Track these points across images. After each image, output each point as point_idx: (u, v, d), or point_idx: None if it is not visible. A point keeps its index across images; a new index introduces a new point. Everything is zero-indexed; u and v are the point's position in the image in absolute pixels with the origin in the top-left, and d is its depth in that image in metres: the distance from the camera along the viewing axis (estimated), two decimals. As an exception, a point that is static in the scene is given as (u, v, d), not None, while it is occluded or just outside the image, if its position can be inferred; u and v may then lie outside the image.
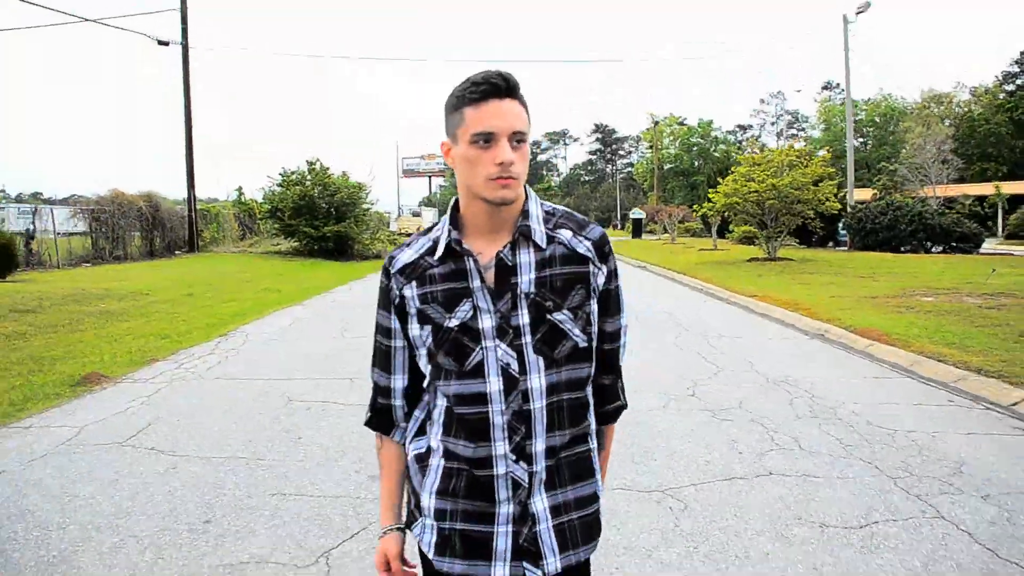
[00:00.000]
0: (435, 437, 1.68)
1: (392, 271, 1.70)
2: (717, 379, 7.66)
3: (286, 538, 3.91)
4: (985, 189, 51.10)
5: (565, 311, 1.61)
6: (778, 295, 14.87)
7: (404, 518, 1.80)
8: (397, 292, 1.68)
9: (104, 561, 3.64)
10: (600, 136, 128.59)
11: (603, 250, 1.69)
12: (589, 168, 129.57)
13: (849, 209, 31.53)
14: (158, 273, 21.33)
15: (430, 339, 1.64)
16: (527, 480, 1.60)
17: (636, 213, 58.19)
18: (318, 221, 30.40)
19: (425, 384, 1.74)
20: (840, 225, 33.11)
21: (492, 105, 1.53)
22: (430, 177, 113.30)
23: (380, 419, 1.80)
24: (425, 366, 1.69)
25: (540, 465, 1.61)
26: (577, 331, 1.63)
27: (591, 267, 1.66)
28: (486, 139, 1.53)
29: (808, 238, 34.82)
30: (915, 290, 15.09)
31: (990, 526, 4.04)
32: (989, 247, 31.76)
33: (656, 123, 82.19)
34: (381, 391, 1.79)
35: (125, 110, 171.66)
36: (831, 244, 35.73)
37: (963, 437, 5.70)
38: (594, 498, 1.71)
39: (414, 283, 1.66)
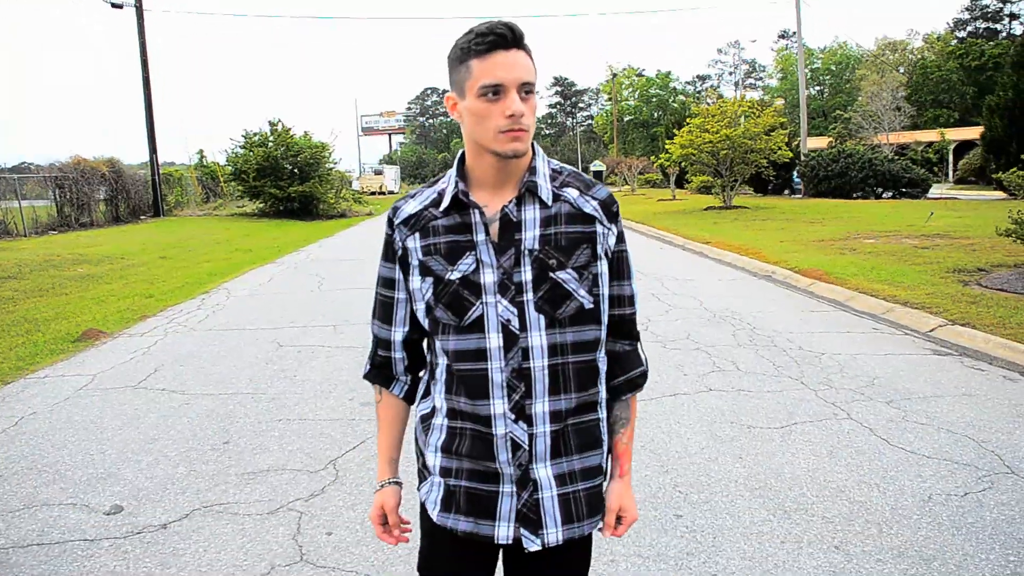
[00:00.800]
0: (439, 395, 1.67)
1: (396, 222, 1.68)
2: (668, 316, 8.44)
3: (296, 451, 4.60)
4: (936, 136, 52.37)
5: (569, 270, 1.59)
6: (731, 241, 15.71)
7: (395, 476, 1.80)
8: (400, 243, 1.66)
9: (145, 474, 4.30)
10: (560, 89, 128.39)
11: (611, 210, 1.66)
12: (550, 121, 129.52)
13: (803, 157, 32.47)
14: (128, 238, 21.61)
15: (430, 292, 1.62)
16: (527, 442, 1.58)
17: (596, 166, 58.93)
18: (283, 182, 30.65)
19: (427, 343, 1.75)
20: (795, 173, 34.07)
21: (499, 56, 1.49)
22: (390, 135, 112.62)
23: (379, 371, 1.79)
24: (423, 319, 1.67)
25: (542, 428, 1.59)
26: (583, 291, 1.60)
27: (598, 227, 1.63)
28: (495, 91, 1.49)
29: (764, 186, 35.81)
30: (859, 233, 16.01)
31: (888, 423, 4.84)
32: (937, 192, 32.91)
33: (614, 75, 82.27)
34: (381, 343, 1.76)
35: (80, 76, 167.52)
36: (787, 192, 36.70)
37: (880, 357, 6.52)
38: (599, 470, 1.68)
39: (417, 234, 1.64)
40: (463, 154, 1.64)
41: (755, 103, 25.05)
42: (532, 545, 1.60)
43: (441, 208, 1.62)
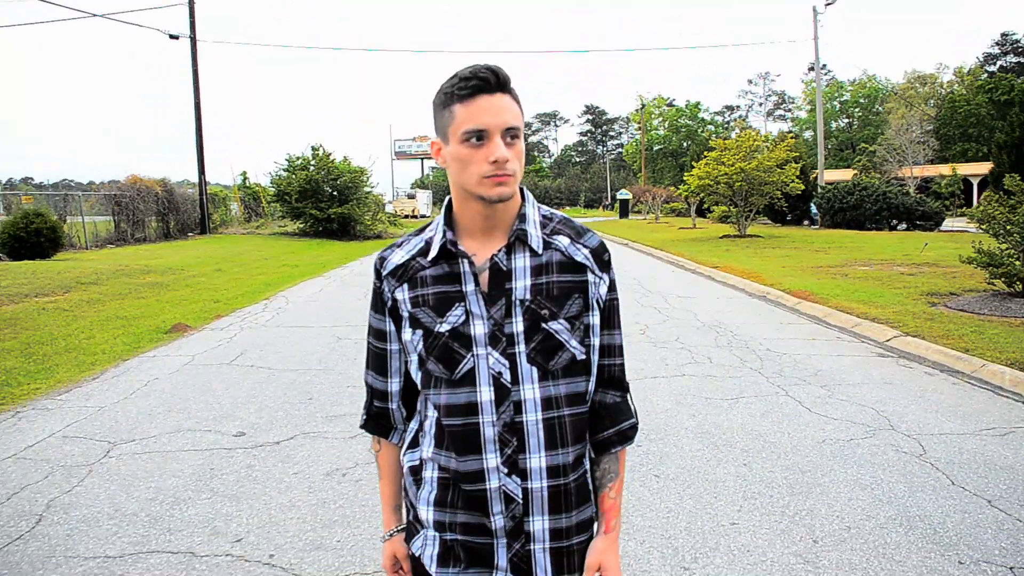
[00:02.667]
0: (427, 448, 1.63)
1: (384, 272, 1.65)
2: (664, 324, 9.91)
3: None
4: (961, 169, 53.24)
5: (561, 320, 1.56)
6: (737, 266, 17.12)
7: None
8: (389, 295, 1.63)
9: (255, 415, 5.86)
10: (591, 117, 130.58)
11: (602, 259, 1.63)
12: (580, 149, 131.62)
13: (819, 189, 33.78)
14: (181, 252, 23.43)
15: (421, 344, 1.58)
16: (520, 495, 1.54)
17: (623, 194, 60.42)
18: (323, 204, 32.51)
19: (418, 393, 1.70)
20: (812, 205, 35.36)
21: (483, 101, 1.47)
22: (422, 159, 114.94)
23: (376, 422, 1.76)
24: (416, 372, 1.63)
25: (539, 483, 1.55)
26: (575, 343, 1.57)
27: (590, 276, 1.60)
28: (478, 137, 1.46)
29: (782, 217, 37.13)
30: (856, 261, 17.37)
31: (815, 399, 6.28)
32: (950, 225, 34.00)
33: (643, 105, 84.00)
34: (377, 394, 1.73)
35: (138, 101, 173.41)
36: (806, 223, 37.97)
37: (832, 358, 7.95)
38: (591, 522, 1.66)
39: (406, 285, 1.61)
40: (450, 201, 1.61)
41: (768, 137, 26.44)
42: None
43: (429, 258, 1.58)
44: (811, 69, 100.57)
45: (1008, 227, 10.69)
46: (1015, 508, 4.04)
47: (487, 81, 1.47)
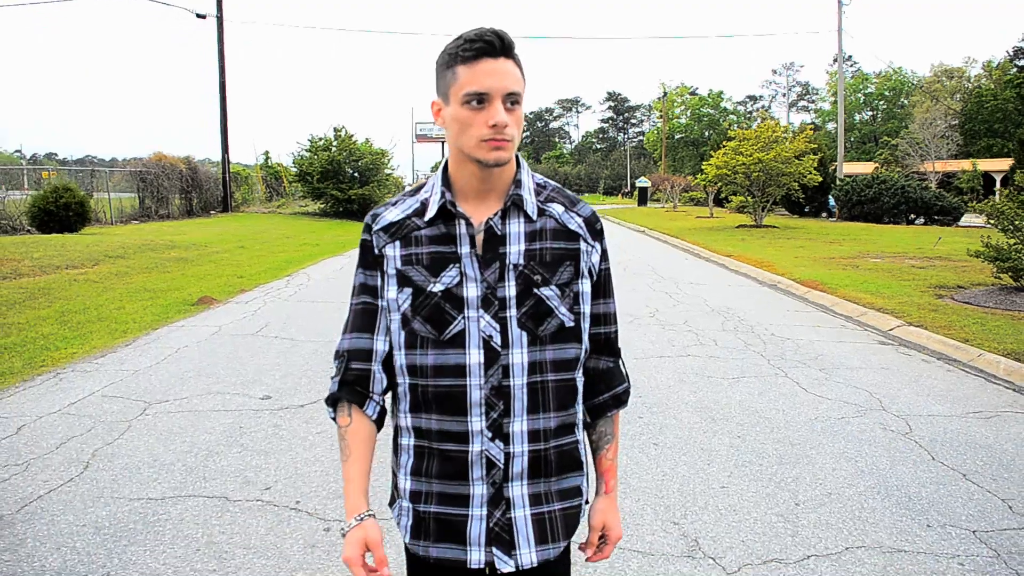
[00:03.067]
0: (403, 415, 1.62)
1: (375, 228, 1.62)
2: (675, 309, 10.20)
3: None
4: (983, 164, 52.85)
5: (553, 287, 1.57)
6: (751, 255, 17.35)
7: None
8: (378, 249, 1.61)
9: (280, 381, 6.22)
10: (613, 104, 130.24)
11: (595, 227, 1.64)
12: (601, 136, 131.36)
13: (838, 182, 33.81)
14: (205, 229, 23.88)
15: (408, 303, 1.56)
16: (502, 460, 1.54)
17: (642, 182, 60.45)
18: (344, 184, 32.92)
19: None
20: (830, 197, 35.39)
21: (486, 64, 1.46)
22: (442, 142, 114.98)
23: (352, 388, 1.63)
24: (398, 332, 1.59)
25: (520, 447, 1.55)
26: (564, 309, 1.57)
27: (582, 244, 1.61)
28: (479, 99, 1.46)
29: (800, 208, 37.15)
30: (869, 253, 17.54)
31: (813, 381, 6.56)
32: (969, 220, 33.96)
33: (664, 94, 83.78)
34: (358, 355, 1.63)
35: (164, 78, 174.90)
36: (824, 215, 38.00)
37: (834, 344, 8.21)
38: (578, 491, 1.64)
39: (398, 243, 1.59)
40: (447, 162, 1.62)
41: (788, 129, 26.53)
42: (505, 566, 1.56)
43: (426, 218, 1.58)
44: (836, 60, 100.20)
45: (1016, 222, 10.88)
46: (987, 481, 4.33)
47: (492, 44, 1.46)
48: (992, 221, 11.65)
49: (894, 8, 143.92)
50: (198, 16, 32.60)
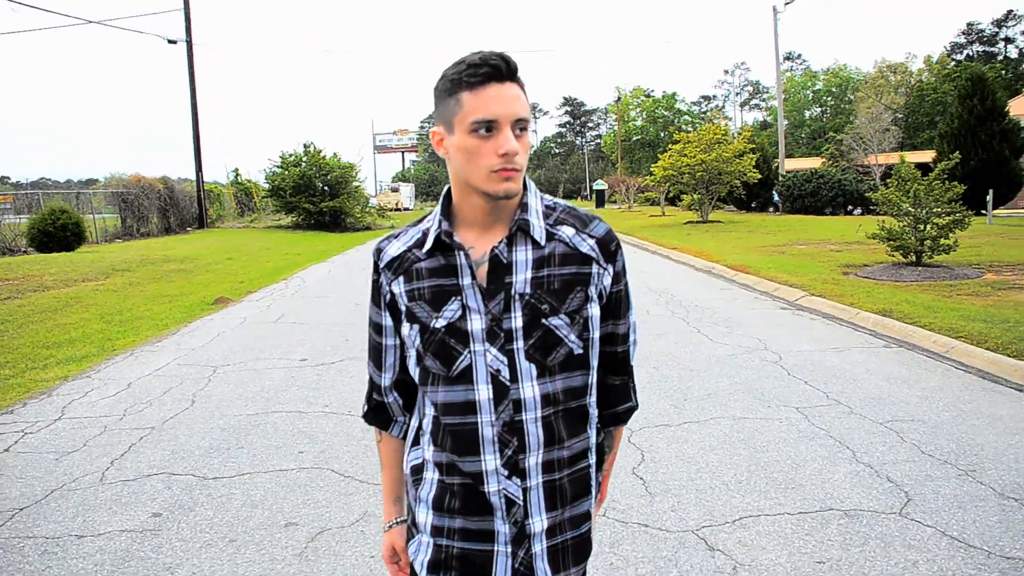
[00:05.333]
0: (427, 448, 1.59)
1: (381, 265, 1.60)
2: (619, 291, 12.15)
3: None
4: (922, 157, 55.64)
5: (562, 315, 1.49)
6: (692, 247, 19.43)
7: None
8: (387, 288, 1.58)
9: (310, 350, 8.05)
10: (569, 109, 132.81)
11: (609, 248, 1.56)
12: (559, 141, 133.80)
13: (780, 178, 36.22)
14: (189, 244, 25.46)
15: (417, 340, 1.53)
16: (521, 497, 1.50)
17: (599, 184, 62.84)
18: (315, 198, 34.63)
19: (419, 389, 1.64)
20: (774, 192, 37.81)
21: (493, 89, 1.40)
22: (403, 153, 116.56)
23: (376, 414, 1.73)
24: (414, 368, 1.59)
25: (536, 480, 1.50)
26: (573, 337, 1.51)
27: (594, 267, 1.53)
28: (487, 127, 1.40)
29: (747, 204, 39.54)
30: (798, 241, 19.72)
31: (718, 334, 8.53)
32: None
33: (618, 98, 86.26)
34: (375, 387, 1.71)
35: (138, 102, 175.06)
36: (771, 209, 40.42)
37: (745, 311, 10.22)
38: (587, 516, 1.60)
39: (402, 278, 1.55)
40: (449, 191, 1.55)
41: (727, 131, 28.80)
42: None
43: (424, 249, 1.53)
44: (786, 58, 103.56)
45: (902, 207, 13.01)
46: (819, 384, 6.32)
47: (498, 69, 1.41)
48: (883, 208, 13.79)
49: (836, 5, 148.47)
50: (169, 42, 34.11)
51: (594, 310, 1.54)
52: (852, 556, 3.43)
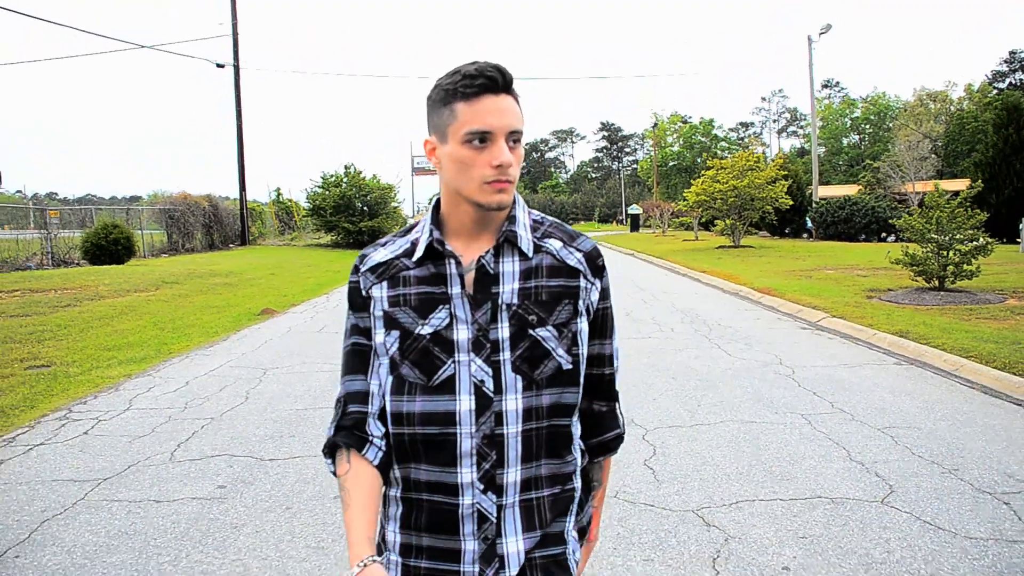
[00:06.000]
0: (394, 465, 1.52)
1: (362, 268, 1.55)
2: (645, 308, 12.64)
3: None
4: (960, 185, 55.34)
5: (549, 327, 1.47)
6: (722, 270, 19.81)
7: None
8: (365, 290, 1.53)
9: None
10: (606, 134, 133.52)
11: (596, 263, 1.55)
12: (596, 165, 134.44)
13: (814, 204, 36.42)
14: (233, 260, 26.34)
15: (395, 346, 1.48)
16: (495, 513, 1.45)
17: (634, 209, 63.26)
18: (355, 217, 35.55)
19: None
20: (807, 219, 37.99)
21: (488, 101, 1.40)
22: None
23: (351, 433, 1.51)
24: (386, 377, 1.51)
25: (512, 498, 1.46)
26: (561, 351, 1.48)
27: (582, 281, 1.52)
28: (482, 138, 1.39)
29: (780, 230, 39.73)
30: (826, 266, 20.01)
31: (737, 349, 8.97)
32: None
33: (655, 124, 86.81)
34: (355, 397, 1.54)
35: (183, 121, 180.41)
36: (805, 235, 40.58)
37: (765, 330, 10.63)
38: (560, 538, 1.53)
39: (385, 283, 1.51)
40: (438, 201, 1.54)
41: (762, 158, 29.20)
42: None
43: (414, 258, 1.50)
44: (825, 86, 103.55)
45: (924, 234, 13.34)
46: (827, 395, 6.74)
47: (494, 80, 1.40)
48: (906, 235, 14.12)
49: (876, 34, 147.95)
50: (217, 65, 35.35)
51: (583, 325, 1.52)
52: (832, 534, 3.88)
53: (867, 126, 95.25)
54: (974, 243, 13.17)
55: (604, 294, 1.58)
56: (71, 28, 64.29)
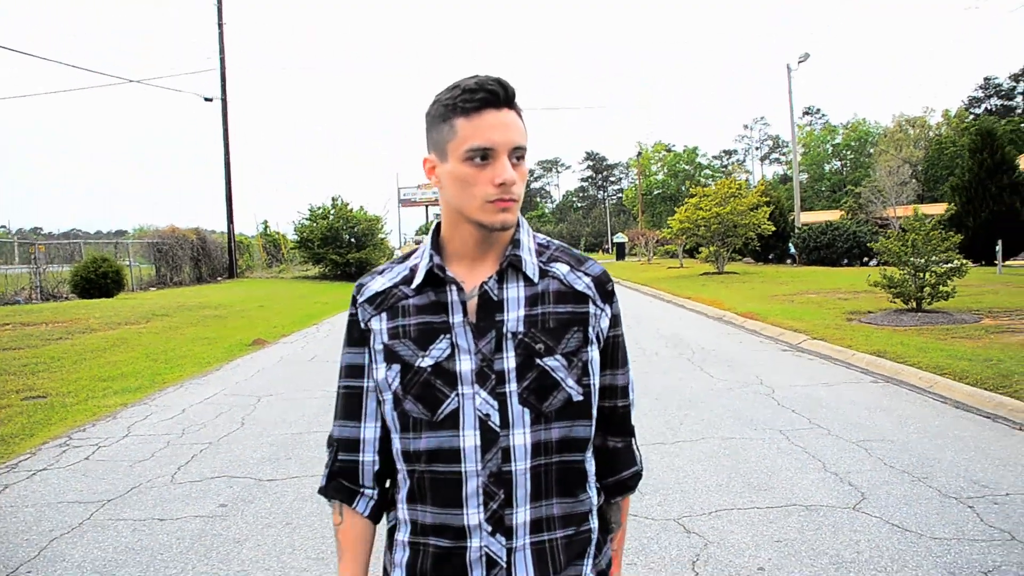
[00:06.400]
0: (400, 505, 1.44)
1: (360, 300, 1.48)
2: (629, 333, 12.83)
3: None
4: (939, 209, 56.18)
5: (558, 356, 1.38)
6: (706, 296, 20.11)
7: None
8: (364, 323, 1.46)
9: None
10: (591, 164, 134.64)
11: (605, 288, 1.46)
12: (581, 195, 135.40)
13: (796, 230, 36.94)
14: (222, 293, 26.47)
15: (397, 381, 1.39)
16: (504, 557, 1.35)
17: (619, 238, 63.88)
18: (342, 249, 35.81)
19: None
20: (790, 244, 38.51)
21: (490, 116, 1.32)
22: (427, 206, 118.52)
23: (339, 484, 1.49)
24: (390, 414, 1.42)
25: (522, 540, 1.36)
26: (571, 382, 1.38)
27: (591, 307, 1.42)
28: (483, 156, 1.32)
29: (764, 256, 40.22)
30: (808, 291, 20.35)
31: (720, 371, 9.21)
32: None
33: (639, 153, 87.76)
34: (345, 445, 1.49)
35: (173, 155, 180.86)
36: (789, 261, 41.09)
37: (748, 352, 10.89)
38: None
39: (384, 315, 1.43)
40: (439, 224, 1.47)
41: (743, 185, 29.70)
42: None
43: (413, 285, 1.42)
44: (806, 113, 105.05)
45: (901, 257, 13.68)
46: (804, 411, 6.98)
47: (495, 94, 1.33)
48: (883, 257, 14.47)
49: (855, 61, 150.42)
50: (205, 100, 35.69)
51: (594, 353, 1.42)
52: (805, 537, 4.10)
53: (848, 152, 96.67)
54: (949, 265, 13.53)
55: (615, 321, 1.49)
56: (60, 63, 64.62)
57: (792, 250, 38.67)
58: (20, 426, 7.07)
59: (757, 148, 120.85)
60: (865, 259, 34.88)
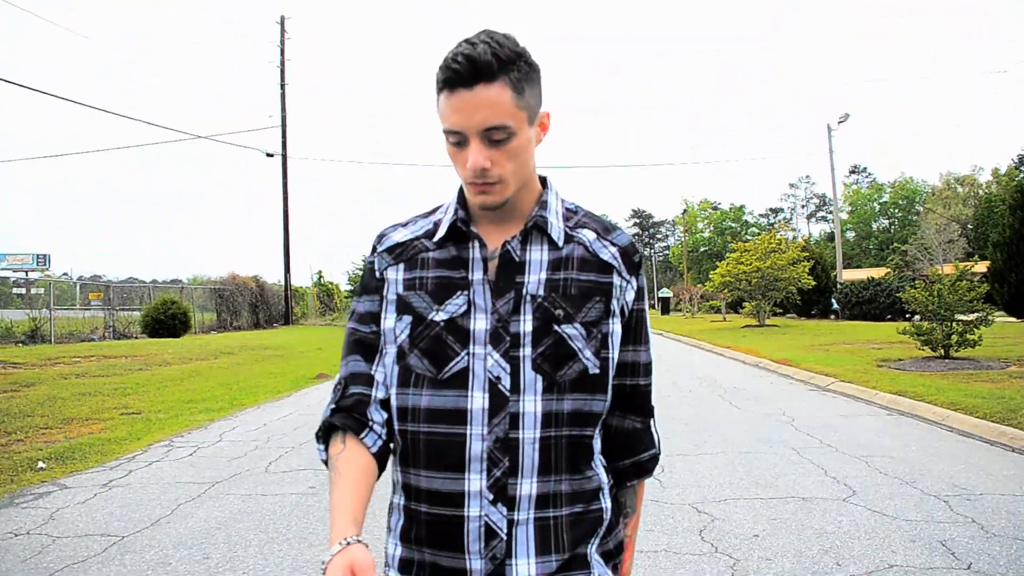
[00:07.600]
0: (396, 468, 1.37)
1: (379, 248, 1.42)
2: (667, 375, 13.69)
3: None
4: (984, 266, 55.98)
5: (577, 324, 1.30)
6: (745, 345, 20.79)
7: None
8: (379, 271, 1.39)
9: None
10: (638, 221, 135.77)
11: (632, 259, 1.39)
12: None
13: (838, 286, 37.36)
14: (279, 337, 27.77)
15: (406, 333, 1.33)
16: (505, 529, 1.27)
17: (664, 292, 64.65)
18: (394, 298, 37.04)
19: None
20: (832, 300, 38.88)
21: (456, 97, 1.21)
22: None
23: (349, 415, 1.34)
24: (391, 367, 1.35)
25: (525, 514, 1.28)
26: (589, 353, 1.31)
27: (616, 278, 1.36)
28: (456, 138, 1.25)
29: (807, 311, 40.59)
30: (844, 341, 20.91)
31: (747, 405, 9.97)
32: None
33: (685, 211, 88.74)
34: (357, 379, 1.37)
35: (235, 206, 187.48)
36: (832, 316, 41.36)
37: (776, 391, 11.63)
38: (583, 562, 1.34)
39: (402, 265, 1.37)
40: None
41: (782, 240, 30.44)
42: None
43: (435, 239, 1.37)
44: (852, 171, 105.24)
45: (927, 306, 14.34)
46: (818, 435, 7.75)
47: (458, 73, 1.20)
48: (911, 307, 15.13)
49: (900, 119, 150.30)
50: (267, 155, 37.64)
51: (615, 326, 1.35)
52: (797, 518, 4.92)
53: (896, 210, 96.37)
54: (976, 314, 14.15)
55: (640, 294, 1.41)
56: (128, 118, 68.11)
57: (835, 305, 39.00)
58: (126, 432, 8.16)
59: (803, 206, 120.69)
60: (908, 315, 35.09)
